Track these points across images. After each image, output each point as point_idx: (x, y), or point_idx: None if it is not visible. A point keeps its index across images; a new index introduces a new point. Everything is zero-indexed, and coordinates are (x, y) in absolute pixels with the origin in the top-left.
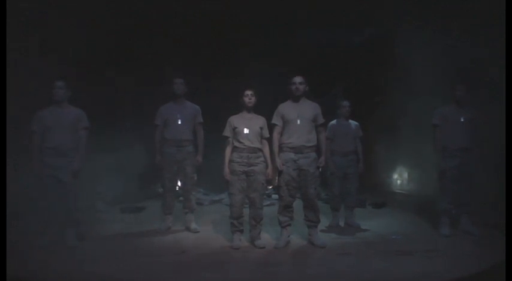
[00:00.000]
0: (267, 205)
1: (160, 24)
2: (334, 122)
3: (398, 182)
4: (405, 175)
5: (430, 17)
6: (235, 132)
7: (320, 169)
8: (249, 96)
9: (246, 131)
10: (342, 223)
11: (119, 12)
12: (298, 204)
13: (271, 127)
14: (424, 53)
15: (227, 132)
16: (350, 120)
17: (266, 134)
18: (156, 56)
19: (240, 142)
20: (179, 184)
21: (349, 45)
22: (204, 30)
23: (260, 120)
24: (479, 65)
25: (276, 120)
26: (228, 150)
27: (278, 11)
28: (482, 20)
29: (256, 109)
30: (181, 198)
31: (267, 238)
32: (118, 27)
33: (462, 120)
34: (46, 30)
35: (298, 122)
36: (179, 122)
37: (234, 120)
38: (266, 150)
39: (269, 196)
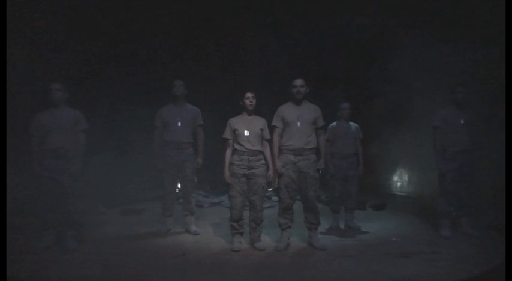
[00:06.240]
0: (267, 207)
1: (160, 26)
2: (334, 124)
3: (399, 184)
4: (405, 177)
5: (430, 18)
6: (236, 134)
7: (320, 171)
8: (250, 99)
9: (246, 133)
10: (342, 225)
11: (119, 14)
12: (298, 206)
13: (271, 129)
14: (424, 55)
15: (227, 134)
16: (350, 122)
17: (267, 135)
18: (156, 57)
19: (241, 145)
20: (179, 186)
21: (349, 46)
22: (203, 31)
23: (261, 122)
24: (479, 66)
25: (276, 122)
26: (228, 152)
27: (278, 13)
28: (482, 21)
29: (256, 111)
30: (181, 200)
31: (267, 240)
32: (118, 29)
33: (462, 122)
34: (46, 31)
35: (298, 124)
36: (179, 124)
37: (234, 122)
38: (267, 152)
39: (269, 198)
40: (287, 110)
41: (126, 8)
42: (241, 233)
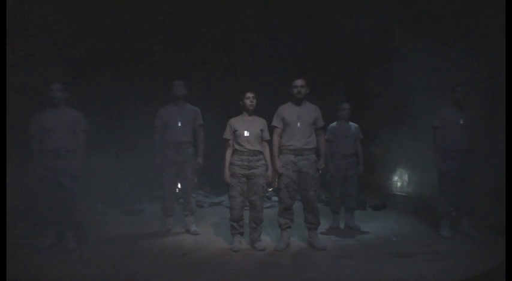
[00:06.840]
0: (267, 207)
1: (159, 26)
2: (334, 124)
3: (399, 184)
4: (405, 177)
5: (430, 18)
6: (236, 134)
7: (320, 171)
8: (250, 99)
9: (246, 133)
10: (342, 225)
11: (118, 14)
12: (298, 206)
13: (271, 129)
14: (424, 55)
15: (227, 134)
16: (350, 122)
17: (267, 136)
18: (156, 58)
19: (241, 145)
20: (179, 186)
21: (348, 46)
22: (204, 31)
23: (260, 123)
24: (479, 66)
25: (276, 122)
26: (228, 152)
27: (277, 13)
28: (482, 21)
29: (256, 111)
30: (181, 200)
31: (267, 240)
32: (118, 29)
33: (462, 122)
34: (46, 32)
35: (298, 124)
36: (179, 124)
37: (234, 122)
38: (267, 152)
39: (269, 198)
40: (287, 110)
41: (127, 7)
42: (241, 233)
